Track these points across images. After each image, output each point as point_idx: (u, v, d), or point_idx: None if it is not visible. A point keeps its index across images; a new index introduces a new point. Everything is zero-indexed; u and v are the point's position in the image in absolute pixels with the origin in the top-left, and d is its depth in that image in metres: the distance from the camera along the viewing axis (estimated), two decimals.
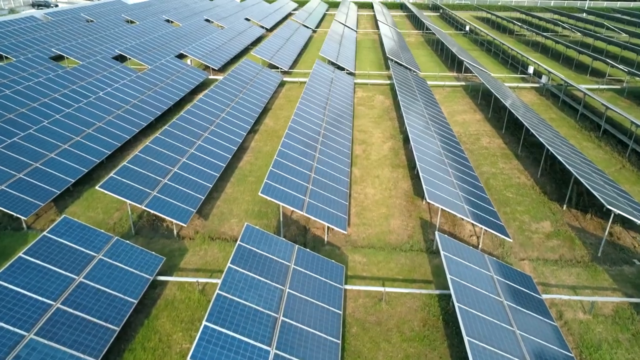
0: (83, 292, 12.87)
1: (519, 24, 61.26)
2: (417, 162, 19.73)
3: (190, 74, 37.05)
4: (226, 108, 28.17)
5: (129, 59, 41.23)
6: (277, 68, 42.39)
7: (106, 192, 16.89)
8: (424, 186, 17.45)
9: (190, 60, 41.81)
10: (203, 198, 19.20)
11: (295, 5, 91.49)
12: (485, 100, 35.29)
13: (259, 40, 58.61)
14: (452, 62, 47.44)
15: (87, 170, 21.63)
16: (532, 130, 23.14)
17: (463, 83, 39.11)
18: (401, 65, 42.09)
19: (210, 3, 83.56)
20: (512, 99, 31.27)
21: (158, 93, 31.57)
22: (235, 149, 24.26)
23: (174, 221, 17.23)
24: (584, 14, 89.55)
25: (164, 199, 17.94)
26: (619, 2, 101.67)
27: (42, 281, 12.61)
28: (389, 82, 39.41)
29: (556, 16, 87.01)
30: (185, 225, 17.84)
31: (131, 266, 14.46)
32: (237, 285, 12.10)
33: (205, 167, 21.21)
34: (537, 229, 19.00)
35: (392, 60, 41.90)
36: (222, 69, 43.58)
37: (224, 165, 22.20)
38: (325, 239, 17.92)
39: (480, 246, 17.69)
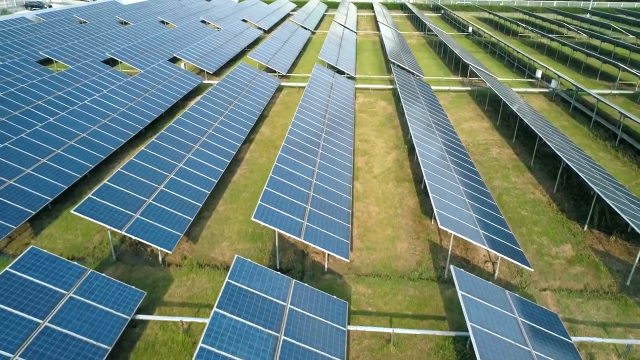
0: (48, 339, 11.19)
1: (523, 25, 59.64)
2: (425, 180, 18.09)
3: (183, 79, 35.37)
4: (219, 116, 26.49)
5: (120, 62, 39.56)
6: (275, 72, 40.72)
7: (82, 216, 15.21)
8: (434, 209, 15.80)
9: (184, 64, 40.11)
10: (192, 219, 17.53)
11: (293, 5, 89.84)
12: (493, 107, 33.64)
13: (256, 42, 56.95)
14: (457, 66, 45.80)
15: (67, 187, 19.93)
16: (546, 141, 21.50)
17: (469, 88, 37.46)
18: (403, 69, 40.43)
19: (207, 4, 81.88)
20: (521, 105, 29.64)
21: (149, 100, 29.89)
22: (229, 162, 22.58)
23: (159, 248, 15.57)
24: (588, 15, 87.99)
25: (147, 222, 16.26)
26: (622, 3, 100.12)
27: (0, 329, 10.93)
28: (391, 87, 37.76)
29: (560, 17, 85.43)
30: (170, 252, 16.18)
31: (106, 304, 12.78)
32: (223, 335, 10.43)
33: (195, 184, 19.53)
34: (558, 253, 17.34)
35: (394, 63, 40.25)
36: (218, 72, 41.91)
37: (216, 181, 20.53)
38: (326, 266, 16.26)
39: (496, 274, 16.03)
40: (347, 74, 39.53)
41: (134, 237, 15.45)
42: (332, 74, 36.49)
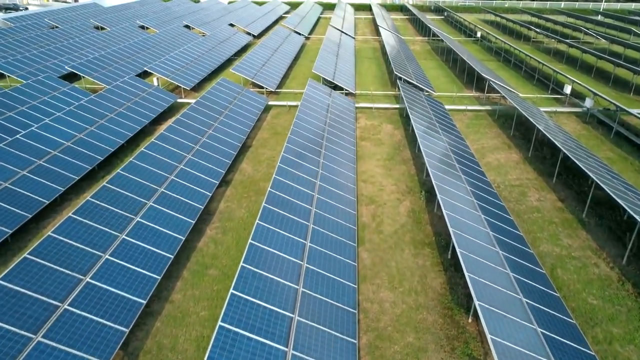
0: None
1: (535, 28, 54.47)
2: (461, 261, 12.81)
3: (153, 98, 29.93)
4: (187, 154, 21.06)
5: (83, 77, 34.13)
6: (262, 88, 35.31)
7: None
8: (481, 318, 10.47)
9: (157, 79, 34.67)
10: (127, 331, 12.13)
11: (287, 8, 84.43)
12: (520, 132, 28.36)
13: (244, 49, 51.52)
14: (469, 77, 40.50)
15: None
16: (602, 186, 16.24)
17: (488, 107, 32.16)
18: (411, 83, 35.13)
19: (194, 6, 76.37)
20: (557, 132, 24.41)
21: (106, 128, 24.43)
22: (193, 222, 17.17)
23: None
24: (599, 17, 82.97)
25: (52, 348, 10.86)
26: (634, 4, 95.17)
27: None
28: (397, 106, 32.43)
29: (571, 19, 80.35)
30: None
31: None
32: None
33: (140, 266, 14.13)
34: None
35: (400, 78, 34.96)
36: (198, 87, 36.47)
37: (171, 257, 15.13)
38: None
39: None
40: (346, 90, 34.17)
41: None
42: (328, 91, 31.12)
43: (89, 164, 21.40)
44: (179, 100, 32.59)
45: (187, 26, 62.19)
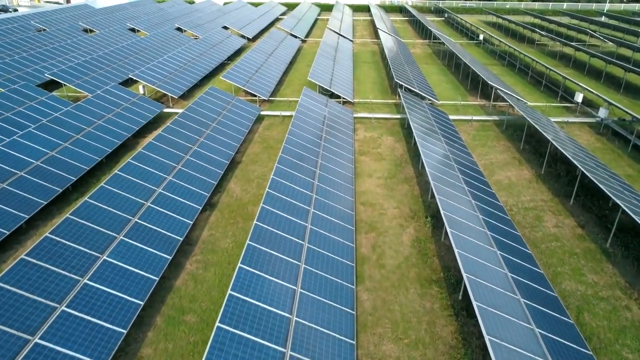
0: None
1: (539, 30, 52.56)
2: (479, 319, 10.82)
3: (137, 108, 27.93)
4: (167, 176, 19.06)
5: (64, 84, 32.13)
6: (255, 96, 33.30)
7: None
8: None
9: (143, 87, 32.64)
10: None
11: (283, 9, 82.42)
12: (530, 145, 26.40)
13: (238, 53, 49.51)
14: (473, 83, 38.54)
15: None
16: (629, 213, 14.31)
17: (495, 118, 30.18)
18: (413, 91, 33.18)
19: (187, 8, 74.33)
20: (571, 146, 22.48)
21: (81, 144, 22.43)
22: (170, 258, 15.15)
23: None
24: (603, 18, 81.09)
25: None
26: (637, 5, 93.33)
27: None
28: (398, 116, 30.45)
29: (574, 21, 78.47)
30: None
31: None
32: None
33: (101, 317, 12.10)
34: None
35: (401, 86, 33.01)
36: (188, 94, 34.45)
37: (141, 304, 13.09)
38: None
39: None
40: (344, 99, 32.17)
41: None
42: (324, 101, 29.13)
43: (60, 186, 19.37)
44: (166, 110, 30.56)
45: (179, 29, 60.19)
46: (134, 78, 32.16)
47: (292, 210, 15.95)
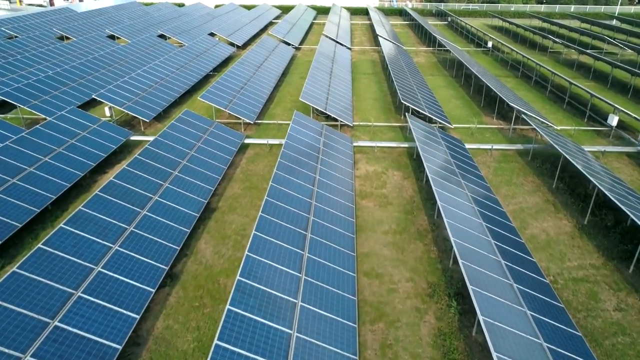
0: None
1: (550, 36, 48.35)
2: None
3: (97, 138, 23.59)
4: (113, 245, 14.68)
5: (19, 106, 27.70)
6: (238, 119, 28.97)
7: None
8: None
9: (110, 108, 28.27)
10: None
11: (277, 12, 78.07)
12: (564, 182, 22.15)
13: (225, 63, 45.12)
14: (487, 100, 34.26)
15: None
16: None
17: (520, 146, 25.84)
18: (421, 114, 28.92)
19: (176, 11, 69.89)
20: (615, 184, 18.26)
21: (17, 191, 18.06)
22: None
23: None
24: (614, 21, 77.00)
25: None
26: None
27: None
28: (406, 145, 26.14)
29: (585, 25, 74.30)
30: None
31: None
32: None
33: None
34: None
35: (408, 108, 28.72)
36: (163, 116, 30.08)
37: None
38: None
39: None
40: (342, 122, 27.84)
41: None
42: (319, 128, 24.81)
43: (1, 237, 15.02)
44: (134, 138, 26.15)
45: (162, 36, 55.81)
46: (97, 98, 27.70)
47: (274, 301, 11.62)
